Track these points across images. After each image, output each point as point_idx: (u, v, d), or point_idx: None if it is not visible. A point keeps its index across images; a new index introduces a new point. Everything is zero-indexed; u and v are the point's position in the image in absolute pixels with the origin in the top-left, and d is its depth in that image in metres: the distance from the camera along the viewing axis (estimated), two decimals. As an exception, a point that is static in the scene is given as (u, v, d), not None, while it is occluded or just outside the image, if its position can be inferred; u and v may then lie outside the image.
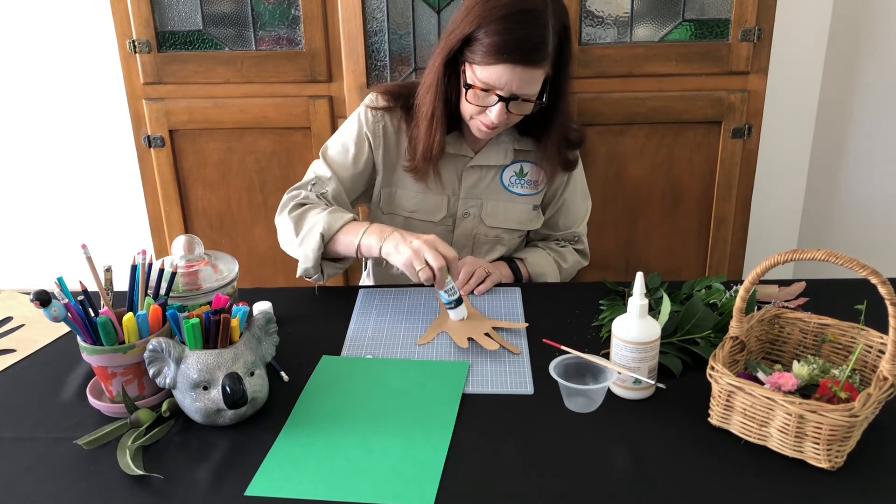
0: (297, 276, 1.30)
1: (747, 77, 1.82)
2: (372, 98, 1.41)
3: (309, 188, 1.36)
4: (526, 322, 1.21)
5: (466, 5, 1.23)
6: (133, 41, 1.81)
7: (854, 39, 2.18)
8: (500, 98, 1.22)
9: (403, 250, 1.17)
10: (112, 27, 1.81)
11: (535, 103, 1.25)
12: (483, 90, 1.23)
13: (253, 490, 0.85)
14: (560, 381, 0.97)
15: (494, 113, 1.24)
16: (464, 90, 1.26)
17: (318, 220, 1.27)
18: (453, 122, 1.35)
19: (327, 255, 1.28)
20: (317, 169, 1.39)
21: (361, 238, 1.23)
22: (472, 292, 1.32)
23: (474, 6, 1.21)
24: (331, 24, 1.80)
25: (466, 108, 1.29)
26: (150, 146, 1.90)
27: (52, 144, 2.37)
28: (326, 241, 1.25)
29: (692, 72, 1.81)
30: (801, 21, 2.09)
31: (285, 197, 1.36)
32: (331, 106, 1.86)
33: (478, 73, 1.22)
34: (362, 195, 1.46)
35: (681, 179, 1.92)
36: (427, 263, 1.15)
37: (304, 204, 1.33)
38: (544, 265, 1.49)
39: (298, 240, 1.28)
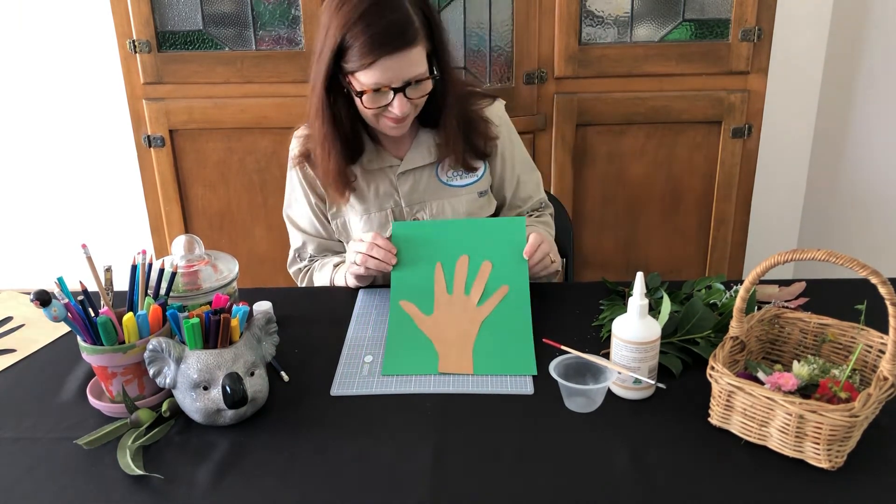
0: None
1: (747, 77, 1.82)
2: (293, 145, 1.41)
3: (297, 258, 1.47)
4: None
5: (322, 23, 1.21)
6: (133, 41, 1.81)
7: (854, 39, 2.18)
8: (395, 90, 1.21)
9: (352, 265, 1.27)
10: (112, 27, 1.81)
11: (430, 79, 1.24)
12: (375, 90, 1.21)
13: (387, 370, 1.08)
14: (560, 381, 0.97)
15: (396, 106, 1.22)
16: (358, 100, 1.23)
17: (320, 281, 1.43)
18: (360, 140, 1.34)
19: None
20: (291, 241, 1.47)
21: (334, 279, 1.37)
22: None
23: (330, 19, 1.19)
24: (331, 24, 1.79)
25: (368, 114, 1.26)
26: (150, 146, 1.90)
27: (52, 144, 2.37)
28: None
29: (692, 72, 1.81)
30: (801, 21, 2.09)
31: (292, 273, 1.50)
32: (331, 106, 1.86)
33: (362, 78, 1.20)
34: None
35: (681, 179, 1.92)
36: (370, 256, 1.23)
37: (303, 269, 1.47)
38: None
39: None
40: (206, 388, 0.93)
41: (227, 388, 0.92)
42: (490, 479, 0.86)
